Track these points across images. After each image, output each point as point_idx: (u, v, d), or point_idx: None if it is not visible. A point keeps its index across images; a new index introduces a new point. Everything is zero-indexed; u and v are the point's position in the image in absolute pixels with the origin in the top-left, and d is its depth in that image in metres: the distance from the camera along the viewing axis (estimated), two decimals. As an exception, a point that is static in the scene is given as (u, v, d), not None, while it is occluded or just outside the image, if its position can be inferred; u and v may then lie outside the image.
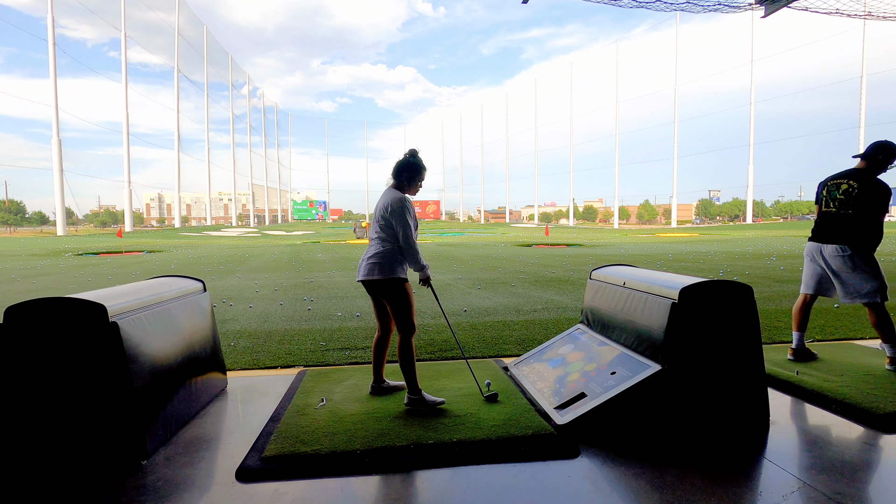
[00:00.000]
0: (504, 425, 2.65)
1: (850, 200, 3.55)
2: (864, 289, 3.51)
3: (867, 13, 14.95)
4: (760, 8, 11.91)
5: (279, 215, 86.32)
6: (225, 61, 64.81)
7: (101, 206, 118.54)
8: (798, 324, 3.86)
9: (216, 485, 2.23)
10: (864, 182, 3.53)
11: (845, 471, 2.29)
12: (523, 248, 21.97)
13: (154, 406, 2.55)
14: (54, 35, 35.28)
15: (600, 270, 3.90)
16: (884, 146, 3.56)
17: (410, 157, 3.10)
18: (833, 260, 3.62)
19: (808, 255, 3.86)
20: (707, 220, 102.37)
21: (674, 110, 54.81)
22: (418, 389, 2.95)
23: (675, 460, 2.38)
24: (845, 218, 3.58)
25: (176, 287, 3.22)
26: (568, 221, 76.53)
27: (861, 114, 42.59)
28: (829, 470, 2.29)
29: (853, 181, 3.57)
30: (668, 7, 13.08)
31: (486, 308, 6.59)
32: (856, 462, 2.39)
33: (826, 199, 3.71)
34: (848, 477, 2.24)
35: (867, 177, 3.55)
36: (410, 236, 2.93)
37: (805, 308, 3.87)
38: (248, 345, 4.74)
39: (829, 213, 3.68)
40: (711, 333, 2.75)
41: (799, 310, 3.89)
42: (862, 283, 3.52)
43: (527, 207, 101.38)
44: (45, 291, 8.76)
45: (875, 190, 3.49)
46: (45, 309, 2.32)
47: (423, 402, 2.93)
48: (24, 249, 23.03)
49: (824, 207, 3.72)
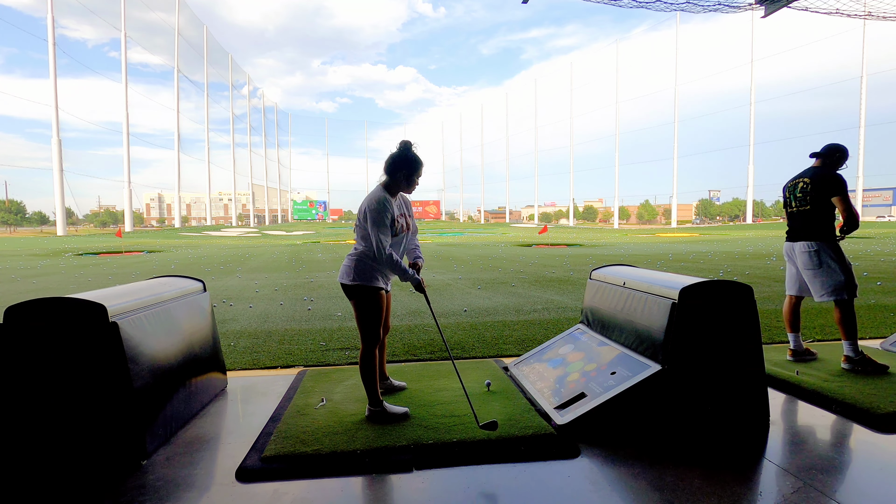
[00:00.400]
0: (504, 425, 2.65)
1: (806, 196, 3.67)
2: (831, 285, 3.57)
3: (867, 13, 14.95)
4: (760, 8, 11.91)
5: (279, 215, 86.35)
6: (225, 61, 64.86)
7: (101, 206, 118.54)
8: (790, 325, 3.90)
9: (216, 485, 2.23)
10: (817, 176, 3.65)
11: (845, 471, 2.29)
12: (523, 248, 21.97)
13: (154, 406, 2.55)
14: (54, 35, 35.30)
15: (600, 270, 3.90)
16: (839, 147, 3.72)
17: (405, 150, 2.75)
18: (801, 257, 3.72)
19: (785, 256, 3.96)
20: (707, 220, 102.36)
21: (674, 110, 54.84)
22: (379, 401, 2.78)
23: (675, 460, 2.38)
24: (806, 214, 3.70)
25: (176, 287, 3.22)
26: (568, 221, 76.53)
27: (861, 114, 42.60)
28: (829, 470, 2.29)
29: (807, 178, 3.71)
30: (668, 7, 13.09)
31: (486, 308, 6.59)
32: (856, 462, 2.39)
33: (789, 199, 3.85)
34: (848, 477, 2.24)
35: (820, 172, 3.67)
36: (382, 246, 2.63)
37: (793, 309, 3.92)
38: (248, 345, 4.74)
39: (793, 213, 3.82)
40: (711, 333, 2.75)
41: (788, 312, 3.94)
42: (829, 279, 3.58)
43: (527, 207, 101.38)
44: (45, 291, 8.76)
45: (826, 179, 3.60)
46: (45, 309, 2.32)
47: (385, 414, 2.76)
48: (24, 249, 23.03)
49: (788, 208, 3.87)
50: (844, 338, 3.58)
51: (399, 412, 2.78)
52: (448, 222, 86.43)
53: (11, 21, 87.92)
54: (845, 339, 3.57)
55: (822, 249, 3.61)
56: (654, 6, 12.80)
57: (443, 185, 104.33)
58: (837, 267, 3.57)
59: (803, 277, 3.78)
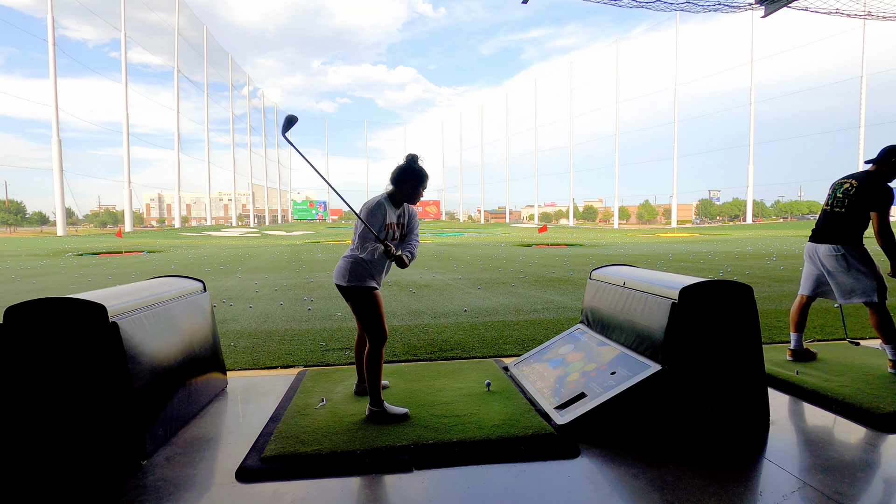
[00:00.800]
0: (504, 425, 2.65)
1: (847, 199, 3.53)
2: (859, 288, 3.47)
3: (867, 13, 14.96)
4: (760, 8, 11.91)
5: (279, 215, 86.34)
6: (225, 61, 64.86)
7: (101, 206, 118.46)
8: (796, 325, 3.86)
9: (216, 485, 2.23)
10: (865, 182, 3.49)
11: (845, 471, 2.29)
12: (523, 248, 21.97)
13: (154, 406, 2.55)
14: (54, 35, 35.29)
15: (600, 270, 3.90)
16: (894, 148, 3.49)
17: (412, 163, 2.84)
18: (827, 259, 3.60)
19: (806, 256, 3.86)
20: (707, 220, 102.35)
21: (674, 110, 54.81)
22: (380, 401, 2.80)
23: (675, 460, 2.38)
24: (839, 216, 3.56)
25: (176, 287, 3.22)
26: (568, 221, 76.51)
27: (861, 114, 42.59)
28: (829, 470, 2.29)
29: (855, 181, 3.54)
30: (668, 7, 13.09)
31: (486, 308, 6.59)
32: (856, 462, 2.39)
33: (830, 197, 3.71)
34: (848, 477, 2.24)
35: (871, 178, 3.50)
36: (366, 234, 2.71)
37: (803, 309, 3.87)
38: (248, 345, 4.74)
39: (826, 212, 3.68)
40: (711, 333, 2.75)
41: (797, 311, 3.88)
42: (857, 283, 3.49)
43: (527, 207, 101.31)
44: (45, 291, 8.76)
45: (873, 189, 3.43)
46: (45, 309, 2.32)
47: (385, 415, 2.77)
48: (24, 249, 23.04)
49: (825, 206, 3.73)
50: (885, 341, 3.44)
51: (399, 412, 2.79)
52: (448, 222, 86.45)
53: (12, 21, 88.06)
54: (885, 342, 3.44)
55: (847, 254, 3.50)
56: (654, 6, 12.80)
57: (443, 185, 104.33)
58: (868, 270, 3.47)
59: (828, 279, 3.66)
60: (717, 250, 17.53)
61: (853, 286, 3.50)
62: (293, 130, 2.70)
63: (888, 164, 3.49)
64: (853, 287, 3.50)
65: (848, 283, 3.52)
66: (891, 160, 3.48)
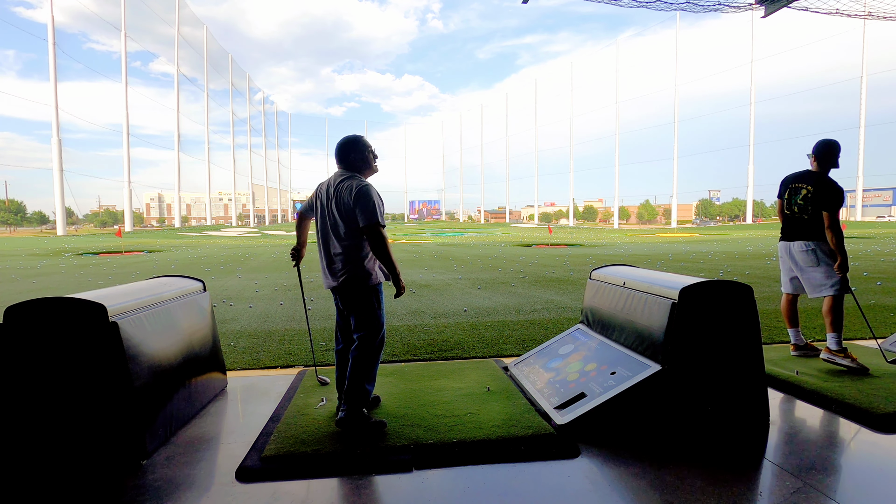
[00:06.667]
0: (504, 425, 2.65)
1: (808, 204, 3.76)
2: (829, 283, 3.66)
3: (867, 13, 14.96)
4: (760, 8, 11.91)
5: (279, 215, 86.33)
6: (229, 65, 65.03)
7: (101, 206, 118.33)
8: (789, 321, 4.00)
9: (216, 485, 2.23)
10: (818, 186, 3.72)
11: (845, 471, 2.29)
12: (523, 248, 21.97)
13: (154, 406, 2.55)
14: (54, 36, 35.34)
15: (600, 270, 3.90)
16: (827, 143, 3.76)
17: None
18: (799, 255, 3.81)
19: (780, 255, 4.04)
20: (707, 220, 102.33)
21: (674, 110, 54.83)
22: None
23: (675, 460, 2.38)
24: (803, 221, 3.80)
25: (176, 287, 3.22)
26: (568, 221, 76.54)
27: (861, 114, 42.63)
28: (829, 470, 2.29)
29: (811, 186, 3.77)
30: (668, 7, 13.09)
31: (486, 308, 6.59)
32: (856, 462, 2.39)
33: (788, 201, 3.89)
34: (848, 477, 2.24)
35: (821, 179, 3.73)
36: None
37: (791, 306, 4.01)
38: (248, 345, 4.74)
39: (794, 216, 3.87)
40: (711, 333, 2.75)
41: (786, 308, 4.03)
42: (825, 277, 3.67)
43: (527, 207, 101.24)
44: (45, 291, 8.76)
45: (826, 192, 3.66)
46: (45, 309, 2.32)
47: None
48: (24, 249, 23.03)
49: (786, 210, 3.92)
50: (830, 329, 3.64)
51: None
52: (448, 222, 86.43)
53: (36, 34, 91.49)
54: (831, 330, 3.64)
55: (818, 248, 3.71)
56: (654, 6, 12.80)
57: (443, 185, 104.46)
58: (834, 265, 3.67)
59: (798, 275, 3.86)
60: (717, 250, 17.53)
61: (822, 281, 3.69)
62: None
63: (827, 157, 3.75)
64: (822, 282, 3.69)
65: (817, 278, 3.71)
66: (826, 153, 3.75)
